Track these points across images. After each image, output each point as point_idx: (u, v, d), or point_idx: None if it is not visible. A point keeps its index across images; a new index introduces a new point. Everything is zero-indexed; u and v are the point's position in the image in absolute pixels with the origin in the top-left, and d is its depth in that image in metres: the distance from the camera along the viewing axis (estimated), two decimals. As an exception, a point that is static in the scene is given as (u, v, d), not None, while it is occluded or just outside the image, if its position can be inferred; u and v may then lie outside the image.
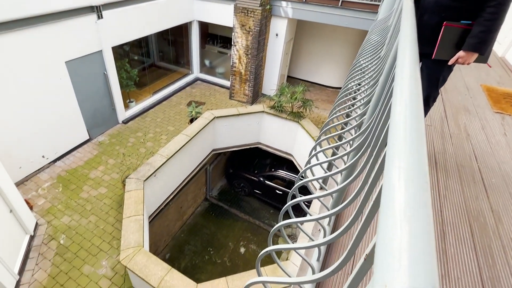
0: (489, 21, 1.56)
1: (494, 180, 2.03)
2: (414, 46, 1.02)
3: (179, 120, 8.44)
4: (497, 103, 2.90)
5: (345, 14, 7.36)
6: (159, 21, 8.36)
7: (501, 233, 1.71)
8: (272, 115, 7.60)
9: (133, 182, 5.35)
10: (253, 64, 8.67)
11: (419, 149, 0.52)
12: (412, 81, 0.75)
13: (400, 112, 0.63)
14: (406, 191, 0.44)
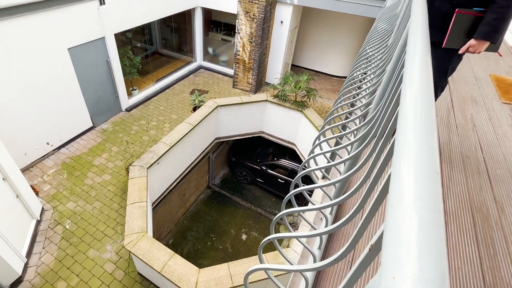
0: (503, 8, 1.51)
1: (499, 171, 2.01)
2: (425, 32, 0.99)
3: (182, 109, 8.42)
4: (506, 93, 2.84)
5: (352, 1, 7.16)
6: (162, 8, 8.22)
7: (503, 224, 1.72)
8: (275, 104, 7.55)
9: (136, 169, 5.39)
10: (257, 52, 8.55)
11: (429, 136, 0.51)
12: (424, 67, 0.73)
13: (411, 97, 0.61)
14: (416, 181, 0.43)
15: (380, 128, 1.00)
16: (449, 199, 1.87)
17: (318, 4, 7.75)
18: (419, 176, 0.44)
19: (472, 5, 1.57)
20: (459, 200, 1.85)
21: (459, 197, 1.87)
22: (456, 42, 1.63)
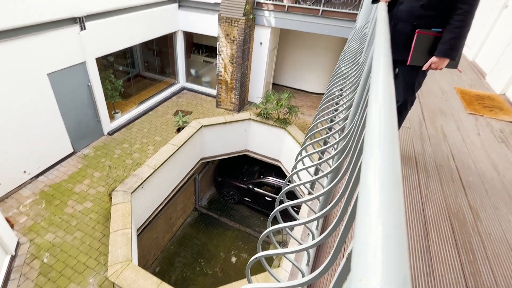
0: (457, 28, 1.67)
1: (471, 178, 2.12)
2: (388, 56, 1.08)
3: (166, 130, 8.37)
4: (470, 105, 3.06)
5: (326, 23, 7.59)
6: (144, 32, 8.35)
7: (479, 229, 1.79)
8: (259, 122, 7.66)
9: (120, 194, 5.24)
10: (239, 73, 8.75)
11: (392, 155, 0.56)
12: (386, 91, 0.80)
13: (375, 121, 0.67)
14: (381, 191, 0.47)
15: (354, 142, 1.06)
16: (428, 207, 1.94)
17: (294, 26, 8.13)
18: (383, 187, 0.48)
19: (431, 26, 1.73)
20: (437, 208, 1.93)
21: (437, 205, 1.94)
22: (419, 59, 1.77)
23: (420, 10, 1.74)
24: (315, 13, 7.66)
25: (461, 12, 1.65)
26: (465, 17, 1.65)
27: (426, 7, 1.72)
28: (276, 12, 8.17)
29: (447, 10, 1.69)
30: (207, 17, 9.01)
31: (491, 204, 1.93)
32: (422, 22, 1.76)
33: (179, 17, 9.48)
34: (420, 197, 2.00)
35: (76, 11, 6.18)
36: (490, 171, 2.21)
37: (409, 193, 2.03)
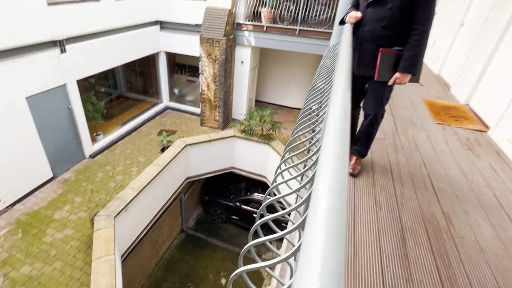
0: (415, 47, 1.82)
1: (442, 185, 2.23)
2: (347, 71, 1.18)
3: (150, 151, 8.27)
4: (438, 115, 3.25)
5: (303, 41, 7.94)
6: (126, 53, 8.40)
7: (453, 233, 1.87)
8: (243, 139, 7.72)
9: (102, 219, 5.08)
10: (222, 91, 8.88)
11: (342, 168, 0.62)
12: (343, 108, 0.88)
13: (329, 136, 0.73)
14: (329, 197, 0.52)
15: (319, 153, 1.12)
16: (404, 215, 2.01)
17: (273, 45, 8.43)
18: (327, 192, 0.53)
19: (392, 45, 1.88)
20: (413, 216, 2.00)
21: (412, 213, 2.02)
22: (384, 75, 1.90)
23: (381, 31, 1.88)
24: (292, 33, 7.99)
25: (418, 32, 1.80)
26: (421, 36, 1.81)
27: (387, 28, 1.87)
28: (256, 32, 8.46)
29: (405, 30, 1.84)
30: (188, 38, 9.20)
31: (461, 208, 2.02)
32: (384, 41, 1.90)
33: (161, 38, 9.63)
34: (396, 206, 2.07)
35: (56, 34, 6.18)
36: (459, 177, 2.32)
37: (386, 202, 2.10)
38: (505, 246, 1.76)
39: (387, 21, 1.85)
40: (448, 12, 5.11)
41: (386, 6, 1.83)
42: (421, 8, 1.77)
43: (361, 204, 2.06)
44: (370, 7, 1.88)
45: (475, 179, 2.31)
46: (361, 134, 2.23)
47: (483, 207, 2.04)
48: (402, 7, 1.79)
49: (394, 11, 1.81)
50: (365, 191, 2.17)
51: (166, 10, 9.21)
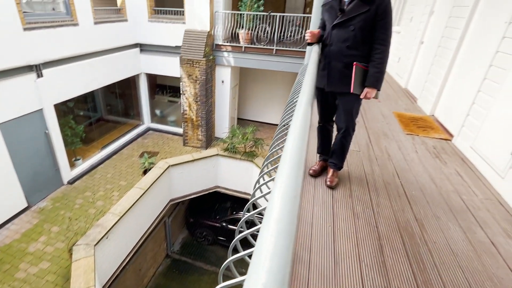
0: (379, 64, 1.97)
1: (414, 192, 2.33)
2: (310, 87, 1.26)
3: (131, 174, 8.10)
4: (407, 126, 3.44)
5: (280, 60, 8.28)
6: (106, 76, 8.38)
7: (426, 239, 1.95)
8: (226, 157, 7.73)
9: (81, 249, 4.85)
10: (203, 110, 8.95)
11: (295, 176, 0.67)
12: (302, 123, 0.95)
13: (287, 151, 0.79)
14: (281, 204, 0.57)
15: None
16: (380, 224, 2.08)
17: (252, 64, 8.70)
18: (281, 200, 0.58)
19: (359, 62, 2.02)
20: (388, 224, 2.07)
21: (388, 221, 2.09)
22: (357, 88, 2.03)
23: (346, 50, 2.03)
24: (270, 52, 8.31)
25: (379, 51, 1.96)
26: (383, 55, 1.97)
27: (351, 47, 2.02)
28: (234, 52, 8.71)
29: (367, 49, 2.00)
30: (169, 59, 9.32)
31: (433, 214, 2.12)
32: (349, 59, 2.04)
33: (141, 60, 9.70)
34: (373, 215, 2.14)
35: (33, 59, 6.11)
36: (429, 184, 2.45)
37: (363, 212, 2.17)
38: (474, 248, 1.85)
39: (350, 42, 2.00)
40: (409, 31, 5.53)
41: (349, 28, 1.98)
42: (380, 30, 1.93)
43: (340, 216, 2.12)
44: (335, 29, 2.03)
45: (444, 185, 2.44)
46: (336, 147, 2.32)
47: (452, 211, 2.15)
48: (363, 29, 1.95)
49: (356, 32, 1.96)
50: (343, 202, 2.23)
51: (146, 33, 9.35)
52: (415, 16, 5.37)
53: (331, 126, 2.44)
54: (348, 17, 1.95)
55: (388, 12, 1.92)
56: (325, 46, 2.12)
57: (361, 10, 1.90)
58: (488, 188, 2.43)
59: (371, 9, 1.88)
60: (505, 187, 2.34)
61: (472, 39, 3.30)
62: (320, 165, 2.51)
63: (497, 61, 2.71)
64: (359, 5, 1.90)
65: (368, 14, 1.90)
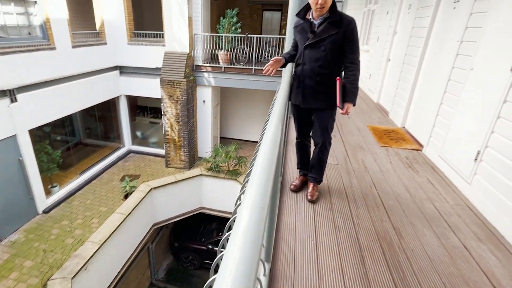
0: (353, 81, 2.10)
1: (390, 202, 2.42)
2: (280, 112, 1.33)
3: (112, 199, 7.83)
4: (381, 139, 3.61)
5: (259, 79, 8.53)
6: (84, 99, 8.25)
7: (404, 247, 2.01)
8: (210, 177, 7.67)
9: (57, 283, 4.55)
10: (185, 130, 8.93)
11: (264, 193, 0.71)
12: (273, 138, 1.00)
13: (257, 165, 0.83)
14: (248, 215, 0.60)
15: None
16: (361, 235, 2.13)
17: (232, 84, 8.89)
18: (250, 210, 0.61)
19: (329, 81, 2.14)
20: (368, 234, 2.12)
21: (368, 232, 2.14)
22: (341, 104, 2.14)
23: (319, 69, 2.15)
24: (249, 72, 8.55)
25: (352, 69, 2.10)
26: (355, 72, 2.10)
27: (322, 67, 2.14)
28: (214, 73, 8.88)
29: (338, 68, 2.14)
30: (149, 81, 9.34)
31: (409, 222, 2.20)
32: (322, 78, 2.16)
33: (121, 83, 9.65)
34: (353, 227, 2.19)
35: (6, 83, 5.95)
36: (404, 193, 2.55)
37: (344, 224, 2.21)
38: (449, 253, 1.93)
39: (322, 61, 2.12)
40: (377, 50, 5.91)
41: (320, 49, 2.11)
42: (349, 51, 2.08)
43: (322, 229, 2.15)
44: (307, 49, 2.15)
45: (417, 194, 2.55)
46: (314, 161, 2.39)
47: (426, 218, 2.24)
48: (333, 50, 2.08)
49: (327, 52, 2.09)
50: (324, 216, 2.28)
51: (125, 55, 9.39)
52: (380, 36, 5.77)
53: (308, 141, 2.52)
54: (318, 38, 2.07)
55: (355, 33, 2.07)
56: (299, 65, 2.24)
57: (330, 32, 2.04)
58: (458, 194, 2.57)
59: (340, 31, 2.02)
60: (472, 192, 2.48)
61: (431, 57, 3.58)
62: (301, 179, 2.57)
63: (453, 76, 2.95)
64: (328, 27, 2.04)
65: (337, 36, 2.03)
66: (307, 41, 2.13)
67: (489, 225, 2.21)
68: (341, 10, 8.90)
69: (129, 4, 9.13)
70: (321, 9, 1.99)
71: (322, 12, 2.02)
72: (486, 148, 2.37)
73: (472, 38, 2.73)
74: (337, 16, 2.02)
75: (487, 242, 2.03)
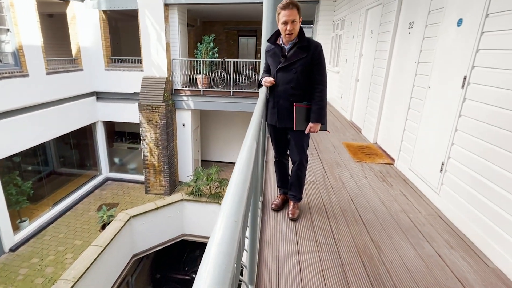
0: (320, 101, 2.23)
1: (368, 215, 2.50)
2: (255, 130, 1.40)
3: (88, 230, 7.43)
4: (355, 155, 3.78)
5: (237, 101, 8.75)
6: (59, 126, 8.00)
7: (383, 259, 2.06)
8: (192, 201, 7.52)
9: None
10: (165, 155, 8.81)
11: (238, 202, 0.74)
12: (247, 157, 1.05)
13: (231, 183, 0.87)
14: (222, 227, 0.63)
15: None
16: (342, 250, 2.17)
17: (211, 106, 9.01)
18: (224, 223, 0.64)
19: (302, 100, 2.26)
20: (349, 249, 2.17)
21: (348, 247, 2.19)
22: (301, 125, 2.25)
23: (291, 90, 2.27)
24: (227, 95, 8.74)
25: (319, 90, 2.23)
26: (322, 93, 2.24)
27: (295, 88, 2.26)
28: (193, 96, 8.98)
29: (309, 89, 2.26)
30: (127, 106, 9.26)
31: (387, 235, 2.27)
32: (295, 98, 2.27)
33: (98, 108, 9.49)
34: (334, 243, 2.23)
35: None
36: (380, 206, 2.65)
37: (325, 241, 2.25)
38: (425, 263, 2.00)
39: (294, 83, 2.25)
40: (346, 71, 6.32)
41: (291, 71, 2.24)
42: (317, 72, 2.23)
43: (304, 247, 2.17)
44: (280, 72, 2.28)
45: (392, 206, 2.66)
46: (293, 179, 2.46)
47: (402, 230, 2.33)
48: (303, 72, 2.22)
49: (298, 75, 2.23)
50: (306, 234, 2.30)
51: (103, 81, 9.32)
52: (349, 58, 6.19)
53: (286, 159, 2.60)
54: (290, 62, 2.21)
55: (322, 57, 2.24)
56: (273, 87, 2.34)
57: (300, 56, 2.19)
58: (429, 205, 2.70)
59: (308, 55, 2.18)
60: (441, 202, 2.62)
61: (394, 76, 3.89)
62: (281, 198, 2.61)
63: (414, 93, 3.22)
64: (298, 52, 2.19)
65: (306, 59, 2.18)
66: (279, 64, 2.26)
67: (459, 232, 2.32)
68: (312, 35, 9.45)
69: (106, 31, 9.19)
70: (289, 35, 2.15)
71: (291, 38, 2.17)
72: (449, 159, 2.54)
73: (426, 60, 3.01)
74: (305, 41, 2.18)
75: (459, 249, 2.13)
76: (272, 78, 2.33)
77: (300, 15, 2.15)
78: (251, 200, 1.44)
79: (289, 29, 2.11)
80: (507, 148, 1.96)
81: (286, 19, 2.09)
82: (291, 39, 2.18)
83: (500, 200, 1.98)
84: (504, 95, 2.03)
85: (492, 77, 2.16)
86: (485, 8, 2.24)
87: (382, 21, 4.31)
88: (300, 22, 2.17)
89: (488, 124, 2.15)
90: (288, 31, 2.12)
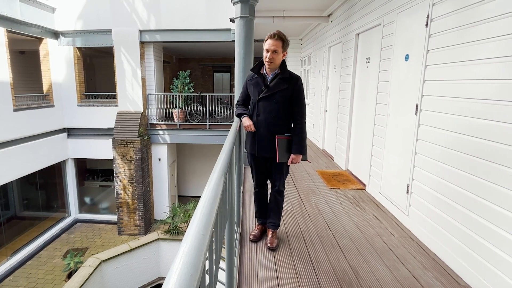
0: (301, 133, 2.33)
1: (345, 241, 2.54)
2: (225, 161, 1.45)
3: (51, 281, 6.74)
4: (329, 182, 3.90)
5: (214, 134, 8.83)
6: (24, 166, 7.54)
7: (362, 284, 2.07)
8: (169, 240, 7.16)
9: None
10: (140, 191, 8.48)
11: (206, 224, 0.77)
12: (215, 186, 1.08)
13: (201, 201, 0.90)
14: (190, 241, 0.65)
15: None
16: (321, 278, 2.15)
17: (187, 140, 9.01)
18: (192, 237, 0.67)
19: (283, 131, 2.35)
20: (327, 277, 2.16)
21: (327, 273, 2.18)
22: (283, 157, 2.31)
23: (272, 120, 2.35)
24: (203, 128, 8.82)
25: (299, 122, 2.35)
26: (302, 125, 2.35)
27: (276, 118, 2.35)
28: (169, 130, 8.95)
29: (289, 120, 2.38)
30: (100, 142, 9.00)
31: (363, 259, 2.31)
32: (276, 128, 2.36)
33: (69, 145, 9.13)
34: (313, 270, 2.22)
35: None
36: (355, 231, 2.71)
37: (304, 269, 2.23)
38: (401, 285, 2.03)
39: (275, 113, 2.34)
40: (315, 102, 6.74)
41: (273, 101, 2.34)
42: (297, 104, 2.34)
43: (283, 278, 2.14)
44: (261, 101, 2.37)
45: (367, 230, 2.72)
46: (272, 205, 2.47)
47: (377, 253, 2.37)
48: (284, 103, 2.33)
49: (279, 105, 2.33)
50: (285, 264, 2.28)
51: (75, 117, 9.10)
52: (317, 90, 6.62)
53: (266, 190, 2.62)
54: (272, 92, 2.32)
55: (301, 89, 2.38)
56: (254, 116, 2.41)
57: (281, 87, 2.31)
58: (400, 227, 2.80)
59: (289, 86, 2.30)
60: (411, 223, 2.74)
61: (358, 106, 4.19)
62: (260, 229, 2.59)
63: (377, 121, 3.49)
64: (280, 82, 2.31)
65: (287, 91, 2.31)
66: (261, 93, 2.35)
67: (431, 252, 2.41)
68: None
69: (81, 67, 9.18)
70: (269, 63, 2.28)
71: (271, 66, 2.30)
72: (413, 181, 2.70)
73: (384, 90, 3.31)
74: (287, 74, 2.33)
75: (432, 269, 2.20)
76: (251, 122, 2.38)
77: (285, 49, 2.30)
78: (224, 230, 1.45)
79: (269, 57, 2.24)
80: (461, 168, 2.14)
81: (268, 47, 2.23)
82: (271, 67, 2.31)
83: (464, 218, 2.10)
84: (450, 119, 2.27)
85: (438, 104, 2.42)
86: (426, 45, 2.57)
87: (343, 57, 4.73)
88: (284, 56, 2.32)
89: (441, 146, 2.36)
90: (268, 59, 2.25)
